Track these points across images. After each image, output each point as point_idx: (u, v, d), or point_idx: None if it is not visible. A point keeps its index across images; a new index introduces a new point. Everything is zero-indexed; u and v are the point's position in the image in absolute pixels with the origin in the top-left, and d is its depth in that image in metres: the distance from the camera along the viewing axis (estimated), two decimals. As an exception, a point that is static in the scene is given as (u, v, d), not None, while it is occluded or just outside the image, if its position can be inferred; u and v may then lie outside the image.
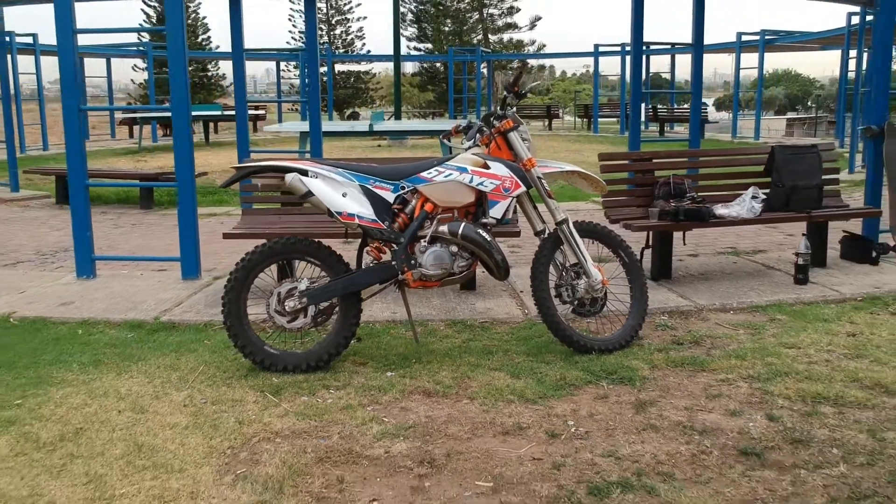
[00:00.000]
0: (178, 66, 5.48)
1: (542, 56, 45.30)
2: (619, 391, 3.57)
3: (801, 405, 3.39)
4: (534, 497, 2.65)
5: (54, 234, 7.71)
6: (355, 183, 3.89)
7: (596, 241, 4.23)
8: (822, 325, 4.45)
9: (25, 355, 4.07)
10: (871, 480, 2.75)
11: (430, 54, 43.77)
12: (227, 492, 2.69)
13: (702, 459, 2.92)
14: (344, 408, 3.40)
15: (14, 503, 2.62)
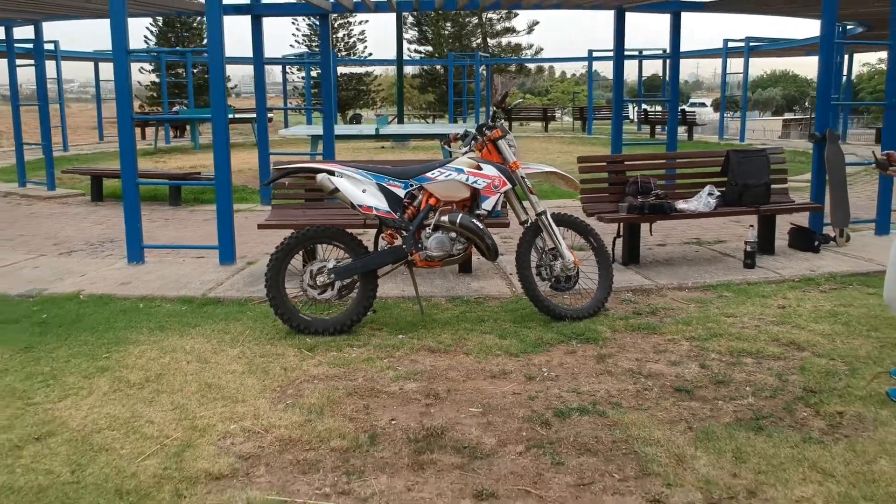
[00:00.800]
0: (218, 82, 6.30)
1: (539, 60, 46.00)
2: (585, 348, 4.40)
3: (728, 357, 4.22)
4: (513, 417, 3.48)
5: (97, 227, 8.53)
6: (373, 181, 4.72)
7: (570, 230, 5.06)
8: (759, 300, 5.28)
9: (101, 322, 4.89)
10: (771, 408, 3.58)
11: (431, 57, 44.50)
12: (281, 414, 3.52)
13: (644, 394, 3.75)
14: (365, 360, 4.23)
15: (121, 422, 3.45)
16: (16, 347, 4.43)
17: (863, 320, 4.79)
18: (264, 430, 3.37)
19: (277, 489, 2.88)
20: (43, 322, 4.91)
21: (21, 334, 4.67)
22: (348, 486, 2.91)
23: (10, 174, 13.88)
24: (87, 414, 3.53)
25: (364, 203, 4.63)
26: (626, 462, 3.08)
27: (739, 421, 3.44)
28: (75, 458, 3.12)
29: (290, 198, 6.39)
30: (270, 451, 3.18)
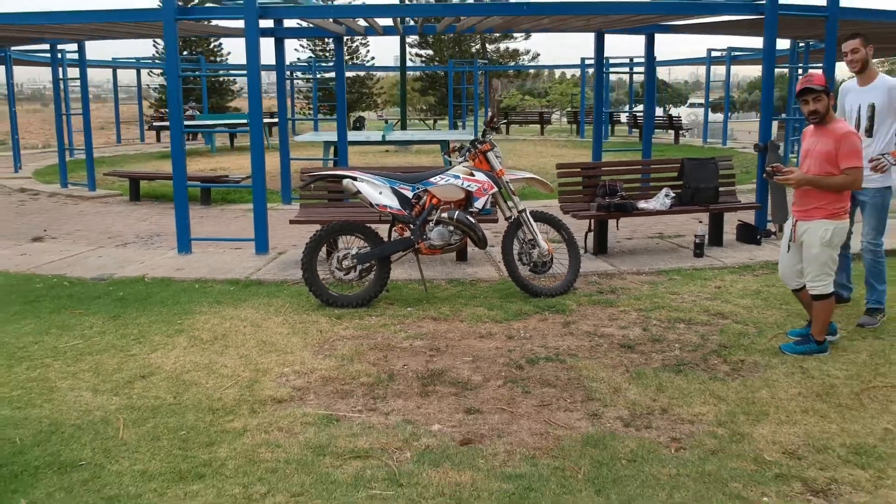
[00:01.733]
0: (256, 98, 7.38)
1: (535, 67, 46.98)
2: (555, 317, 5.49)
3: (666, 323, 5.31)
4: (495, 363, 4.58)
5: (142, 223, 9.62)
6: (387, 185, 5.81)
7: (546, 225, 6.15)
8: (700, 282, 6.37)
9: (168, 299, 5.99)
10: (691, 358, 4.67)
11: (431, 59, 45.39)
12: (321, 361, 4.61)
13: (595, 349, 4.84)
14: (382, 325, 5.32)
15: (202, 367, 4.54)
16: (106, 316, 5.53)
17: (779, 297, 5.88)
18: (310, 372, 4.46)
19: (324, 408, 3.98)
20: (121, 298, 6.00)
21: (106, 307, 5.76)
22: (374, 406, 4.00)
23: (46, 175, 14.95)
24: (174, 361, 4.62)
25: (380, 203, 5.73)
26: (577, 392, 4.18)
27: (665, 366, 4.54)
28: (174, 389, 4.21)
29: (314, 198, 7.47)
30: (316, 385, 4.28)
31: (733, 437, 3.62)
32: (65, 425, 3.78)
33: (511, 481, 3.21)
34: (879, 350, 4.73)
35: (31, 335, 5.12)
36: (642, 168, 7.94)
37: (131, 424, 3.79)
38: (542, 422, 3.81)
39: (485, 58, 45.59)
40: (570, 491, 3.14)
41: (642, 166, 8.04)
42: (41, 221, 9.73)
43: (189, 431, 3.70)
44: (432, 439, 3.61)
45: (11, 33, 10.83)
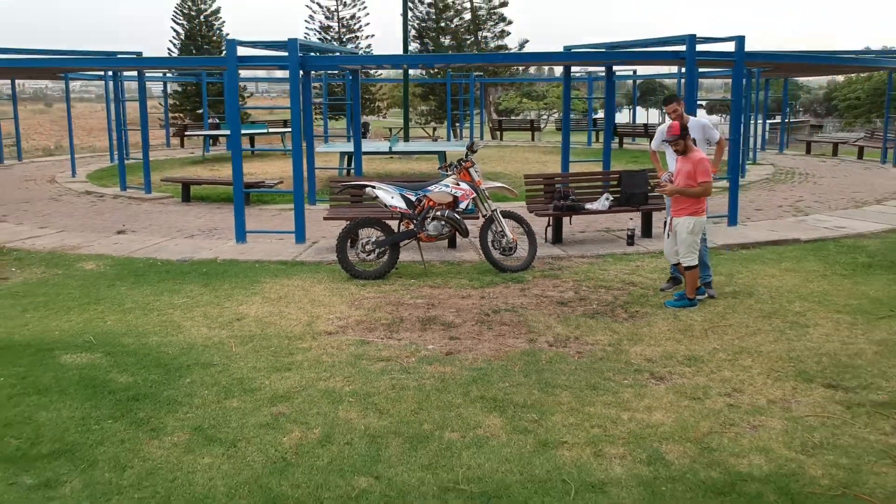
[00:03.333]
0: (296, 123, 9.43)
1: (526, 80, 48.90)
2: (515, 285, 7.54)
3: (592, 289, 7.37)
4: (470, 312, 6.63)
5: (199, 220, 11.65)
6: (397, 192, 7.86)
7: (512, 220, 8.19)
8: (625, 263, 8.42)
9: (239, 273, 8.04)
10: (603, 310, 6.72)
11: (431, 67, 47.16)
12: (354, 311, 6.66)
13: (539, 304, 6.90)
14: (394, 290, 7.37)
15: (275, 314, 6.58)
16: (198, 284, 7.58)
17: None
18: (347, 317, 6.52)
19: (358, 336, 6.03)
20: (204, 273, 8.06)
21: (196, 279, 7.82)
22: (391, 336, 6.06)
23: (100, 179, 16.94)
24: (256, 311, 6.68)
25: (392, 204, 7.78)
26: (522, 328, 6.23)
27: (584, 314, 6.60)
28: (259, 326, 6.27)
29: (340, 201, 9.52)
30: (352, 324, 6.34)
31: (616, 352, 5.68)
32: (196, 345, 5.84)
33: (474, 372, 5.27)
34: (730, 306, 6.79)
35: (152, 296, 7.18)
36: (589, 178, 9.99)
37: (238, 344, 5.86)
38: (498, 344, 5.88)
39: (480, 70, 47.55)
40: (509, 376, 5.20)
41: (589, 176, 10.09)
42: (117, 218, 11.76)
43: (275, 348, 5.76)
44: (428, 352, 5.67)
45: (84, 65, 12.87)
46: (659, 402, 4.83)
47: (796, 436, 4.39)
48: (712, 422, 4.57)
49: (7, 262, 8.74)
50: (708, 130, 7.35)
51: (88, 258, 8.85)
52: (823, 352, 5.65)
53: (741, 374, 5.29)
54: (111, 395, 4.94)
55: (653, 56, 10.17)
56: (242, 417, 4.62)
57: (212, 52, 42.85)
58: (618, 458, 4.11)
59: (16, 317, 6.63)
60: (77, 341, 5.96)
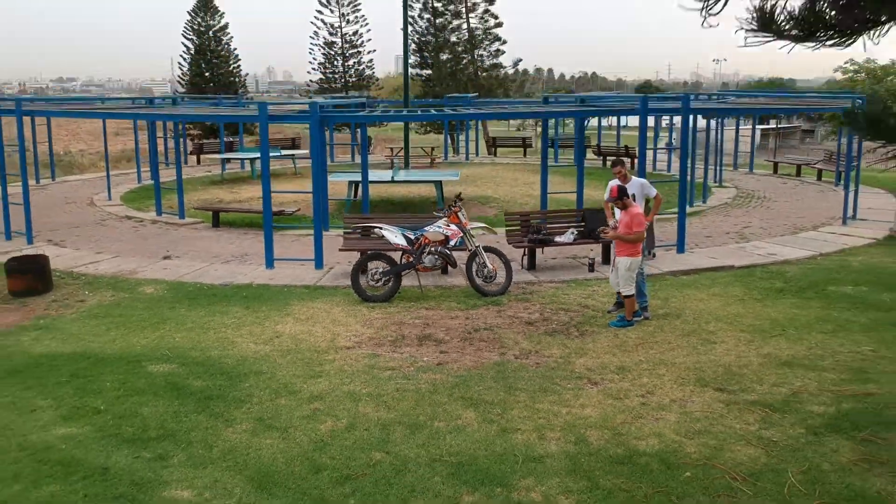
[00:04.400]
0: (318, 171, 11.10)
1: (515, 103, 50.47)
2: (494, 308, 9.21)
3: (555, 311, 9.04)
4: (457, 331, 8.30)
5: (231, 245, 13.31)
6: (399, 231, 9.54)
7: (492, 254, 9.86)
8: (584, 287, 10.09)
9: (273, 297, 9.71)
10: (561, 329, 8.40)
11: (429, 80, 48.40)
12: (365, 330, 8.35)
13: (511, 324, 8.57)
14: (397, 312, 9.05)
15: (305, 332, 8.25)
16: (241, 307, 9.26)
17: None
18: (360, 335, 8.20)
19: (370, 350, 7.71)
20: (244, 296, 9.73)
21: (238, 302, 9.49)
22: (395, 350, 7.74)
23: (134, 202, 18.54)
24: (290, 329, 8.36)
25: (396, 242, 9.47)
26: (496, 344, 7.91)
27: (545, 332, 8.27)
28: (294, 342, 7.95)
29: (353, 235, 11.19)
30: (364, 340, 8.01)
31: (565, 363, 7.36)
32: (248, 358, 7.52)
33: (457, 378, 6.95)
34: (659, 326, 8.48)
35: (206, 317, 8.86)
36: (558, 215, 11.68)
37: (279, 357, 7.54)
38: (476, 356, 7.55)
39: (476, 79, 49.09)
40: (483, 381, 6.87)
41: (558, 214, 11.78)
42: (160, 244, 13.43)
43: (308, 360, 7.44)
44: (423, 363, 7.36)
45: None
46: (590, 401, 6.51)
47: (684, 425, 6.07)
48: (626, 415, 6.25)
49: (80, 286, 10.41)
50: (646, 188, 9.05)
51: (146, 282, 10.52)
52: (720, 363, 7.34)
53: (656, 380, 6.97)
54: (191, 396, 6.63)
55: (615, 113, 11.86)
56: (289, 411, 6.30)
57: (220, 66, 43.77)
58: (554, 440, 5.79)
59: (103, 334, 8.32)
60: (156, 354, 7.64)
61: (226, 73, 42.71)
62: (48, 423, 6.18)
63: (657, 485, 5.15)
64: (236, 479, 5.24)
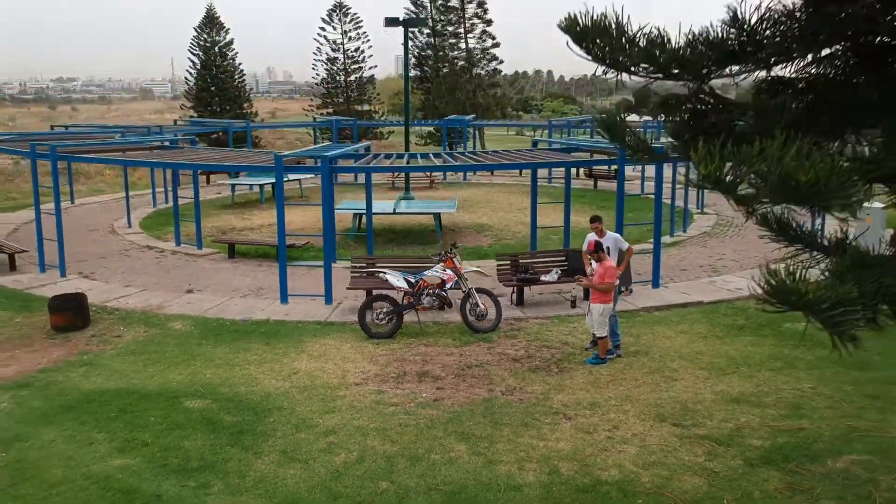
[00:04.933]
0: (326, 206, 12.18)
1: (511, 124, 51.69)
2: (485, 344, 10.27)
3: (539, 347, 10.09)
4: (453, 367, 9.36)
5: (247, 279, 14.35)
6: (401, 276, 10.60)
7: (484, 294, 10.92)
8: (566, 324, 11.14)
9: (289, 333, 10.76)
10: (543, 365, 9.46)
11: (429, 93, 49.42)
12: (371, 366, 9.40)
13: (500, 361, 9.63)
14: (399, 348, 10.09)
15: (318, 369, 9.30)
16: (260, 343, 10.31)
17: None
18: (367, 371, 9.25)
19: (376, 387, 8.77)
20: (263, 332, 10.79)
21: (258, 338, 10.54)
22: (398, 386, 8.79)
23: (153, 229, 19.58)
24: (305, 366, 9.41)
25: (398, 285, 10.53)
26: (485, 380, 8.96)
27: (529, 369, 9.33)
28: (309, 379, 9.00)
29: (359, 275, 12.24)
30: (371, 377, 9.07)
31: (544, 399, 8.42)
32: (271, 394, 8.57)
33: (451, 414, 8.00)
34: (629, 364, 9.53)
35: (231, 353, 9.91)
36: (544, 256, 12.75)
37: (297, 393, 8.59)
38: (469, 393, 8.61)
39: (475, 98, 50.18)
40: (474, 417, 7.93)
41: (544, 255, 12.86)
42: (182, 276, 14.48)
43: (322, 396, 8.49)
44: (422, 399, 8.41)
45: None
46: (564, 435, 7.57)
47: (641, 457, 7.12)
48: (594, 448, 7.31)
49: (114, 321, 11.47)
50: (619, 242, 10.13)
51: (174, 318, 11.57)
52: (678, 400, 8.40)
53: (622, 415, 8.02)
54: (224, 430, 7.68)
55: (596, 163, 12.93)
56: (308, 444, 7.36)
57: (225, 80, 44.71)
58: (531, 471, 6.85)
59: (141, 371, 9.37)
60: (190, 391, 8.70)
61: (231, 88, 43.68)
62: (105, 454, 7.23)
63: (613, 511, 6.21)
64: (268, 505, 6.30)
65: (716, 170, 3.23)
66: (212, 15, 42.06)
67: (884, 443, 7.41)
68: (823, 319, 3.32)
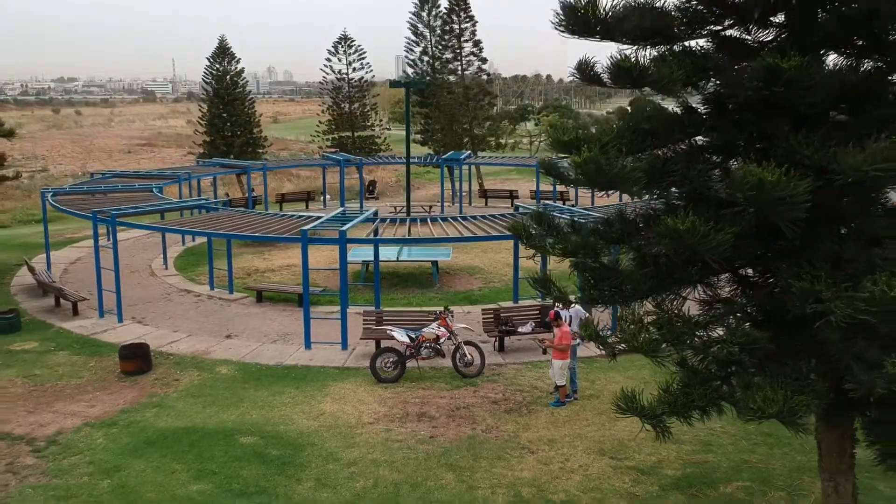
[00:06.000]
0: (343, 272, 14.47)
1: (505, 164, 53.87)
2: (470, 388, 12.51)
3: (514, 391, 12.34)
4: (445, 408, 11.62)
5: (274, 323, 16.59)
6: (404, 332, 12.90)
7: (471, 346, 13.19)
8: (538, 370, 13.36)
9: (315, 377, 13.01)
10: (516, 407, 11.71)
11: (427, 117, 51.34)
12: (380, 408, 11.66)
13: (482, 403, 11.87)
14: (403, 391, 12.35)
15: (339, 410, 11.58)
16: (291, 387, 12.57)
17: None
18: (377, 412, 11.50)
19: (385, 426, 11.03)
20: (293, 378, 13.04)
21: (289, 383, 12.80)
22: (402, 425, 11.04)
23: (186, 270, 21.81)
24: (329, 408, 11.66)
25: (402, 340, 12.83)
26: (470, 420, 11.22)
27: (504, 410, 11.57)
28: (333, 419, 11.25)
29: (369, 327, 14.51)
30: (380, 418, 11.32)
31: (515, 436, 10.67)
32: (304, 432, 10.83)
33: (443, 449, 10.26)
34: (583, 406, 11.78)
35: (269, 396, 12.16)
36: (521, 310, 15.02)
37: (324, 431, 10.85)
38: (457, 431, 10.86)
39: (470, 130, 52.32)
40: (460, 451, 10.19)
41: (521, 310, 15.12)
42: (220, 321, 16.72)
43: (344, 434, 10.75)
44: (421, 436, 10.67)
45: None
46: (527, 466, 9.83)
47: (583, 483, 9.38)
48: (548, 476, 9.57)
49: (171, 366, 13.73)
50: (580, 313, 12.36)
51: (219, 363, 13.83)
52: (617, 437, 10.66)
53: (572, 450, 10.28)
54: (271, 462, 9.94)
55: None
56: (336, 473, 9.61)
57: (236, 107, 46.62)
58: (501, 494, 9.10)
59: (201, 412, 11.63)
60: (242, 429, 10.95)
61: (241, 114, 45.52)
62: (184, 481, 9.48)
63: (556, 525, 8.47)
64: (310, 520, 8.56)
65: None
66: (224, 46, 43.71)
67: (766, 472, 9.67)
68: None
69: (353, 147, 47.95)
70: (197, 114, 45.72)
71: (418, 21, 50.18)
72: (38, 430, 11.08)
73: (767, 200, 4.73)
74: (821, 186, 4.94)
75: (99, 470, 9.79)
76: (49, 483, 9.50)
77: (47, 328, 16.22)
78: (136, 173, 29.87)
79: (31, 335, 15.62)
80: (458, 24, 48.51)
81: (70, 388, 12.77)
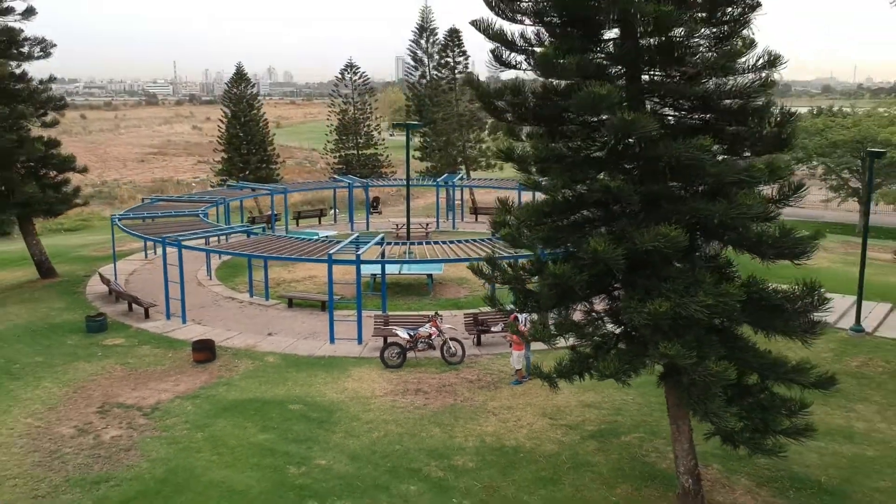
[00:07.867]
0: (358, 294, 18.16)
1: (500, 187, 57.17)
2: (454, 371, 16.15)
3: (485, 373, 16.01)
4: (434, 385, 15.30)
5: (304, 325, 20.21)
6: (405, 330, 16.59)
7: (455, 341, 16.86)
8: (505, 360, 17.05)
9: (339, 365, 16.66)
10: (485, 385, 15.42)
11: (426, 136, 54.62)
12: (388, 385, 15.34)
13: (462, 382, 15.56)
14: (404, 374, 15.99)
15: (358, 388, 15.25)
16: (322, 371, 16.23)
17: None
18: (386, 388, 15.17)
19: (391, 398, 14.72)
20: (324, 365, 16.68)
21: (321, 369, 16.43)
22: (405, 399, 14.72)
23: (227, 280, 25.41)
24: (351, 385, 15.32)
25: (403, 336, 16.52)
26: (451, 394, 14.90)
27: (479, 387, 15.25)
28: (354, 393, 14.91)
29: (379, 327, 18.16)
30: (388, 392, 14.98)
31: (483, 405, 14.34)
32: (335, 402, 14.51)
33: (432, 412, 13.93)
34: (534, 384, 15.46)
35: (308, 377, 15.80)
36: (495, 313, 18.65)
37: (348, 401, 14.53)
38: (442, 401, 14.54)
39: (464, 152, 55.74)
40: (444, 415, 13.86)
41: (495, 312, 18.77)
42: (261, 322, 20.34)
43: (363, 402, 14.42)
44: (417, 404, 14.35)
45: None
46: (491, 423, 13.50)
47: (529, 434, 13.07)
48: (505, 430, 13.24)
49: (230, 356, 17.37)
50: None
51: (266, 354, 17.48)
52: (556, 405, 14.33)
53: (524, 413, 13.95)
54: (313, 420, 13.61)
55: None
56: (359, 427, 13.29)
57: (252, 128, 49.94)
58: (472, 440, 12.79)
59: (258, 388, 15.28)
60: (290, 399, 14.61)
61: (257, 134, 48.65)
62: (254, 433, 13.16)
63: (507, 459, 12.18)
64: (343, 456, 12.26)
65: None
66: (241, 72, 46.96)
67: (656, 428, 13.35)
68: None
69: (357, 164, 50.95)
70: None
71: (417, 48, 53.50)
72: (142, 401, 14.74)
73: (602, 258, 8.44)
74: (635, 249, 8.64)
75: (193, 426, 13.46)
76: (160, 435, 13.17)
77: (127, 328, 19.87)
78: (179, 198, 33.58)
79: (117, 333, 19.28)
80: (451, 59, 52.17)
81: (157, 372, 16.43)
